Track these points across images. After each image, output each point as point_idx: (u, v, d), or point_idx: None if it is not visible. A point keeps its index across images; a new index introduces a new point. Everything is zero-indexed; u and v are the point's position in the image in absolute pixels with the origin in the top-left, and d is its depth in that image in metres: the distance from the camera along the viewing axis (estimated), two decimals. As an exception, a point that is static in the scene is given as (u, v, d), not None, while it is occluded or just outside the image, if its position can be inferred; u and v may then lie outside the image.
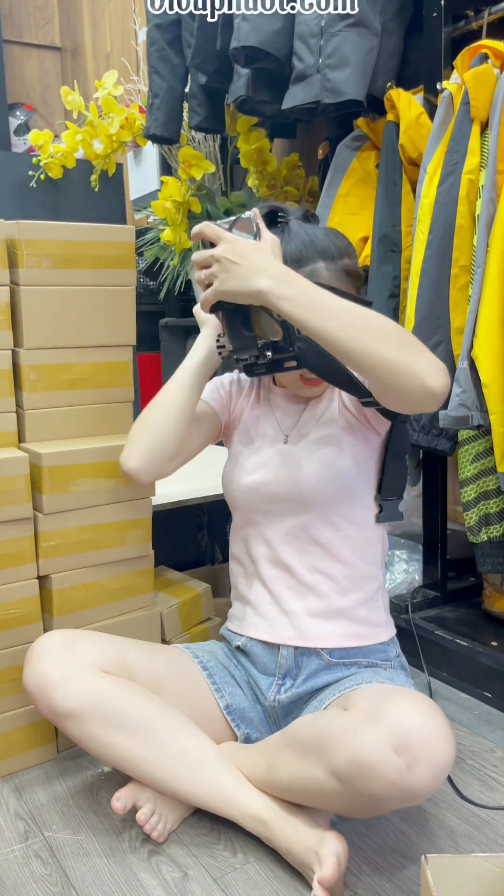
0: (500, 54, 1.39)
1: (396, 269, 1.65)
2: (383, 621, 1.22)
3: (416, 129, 1.55)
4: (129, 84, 2.55)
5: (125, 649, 1.17)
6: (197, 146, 2.28)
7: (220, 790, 1.09)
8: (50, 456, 1.26)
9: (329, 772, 0.96)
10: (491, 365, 1.39)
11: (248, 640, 1.22)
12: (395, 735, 0.91)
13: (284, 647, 1.18)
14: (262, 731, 1.21)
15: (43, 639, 1.14)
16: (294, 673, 1.18)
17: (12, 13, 3.94)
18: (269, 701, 1.19)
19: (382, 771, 0.90)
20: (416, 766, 0.90)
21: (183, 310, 2.64)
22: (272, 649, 1.19)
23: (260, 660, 1.21)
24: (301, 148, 2.32)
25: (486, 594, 1.67)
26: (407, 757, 0.90)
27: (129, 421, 1.43)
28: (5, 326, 1.28)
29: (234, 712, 1.20)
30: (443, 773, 0.92)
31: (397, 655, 1.23)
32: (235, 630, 1.26)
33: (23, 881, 1.05)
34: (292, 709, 1.19)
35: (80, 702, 1.07)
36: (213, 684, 1.21)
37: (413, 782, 0.90)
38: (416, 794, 0.92)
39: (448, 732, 0.94)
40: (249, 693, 1.23)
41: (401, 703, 0.95)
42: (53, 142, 2.39)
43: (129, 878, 1.05)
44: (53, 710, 1.08)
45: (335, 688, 1.13)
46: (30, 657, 1.12)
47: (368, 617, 1.19)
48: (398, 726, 0.91)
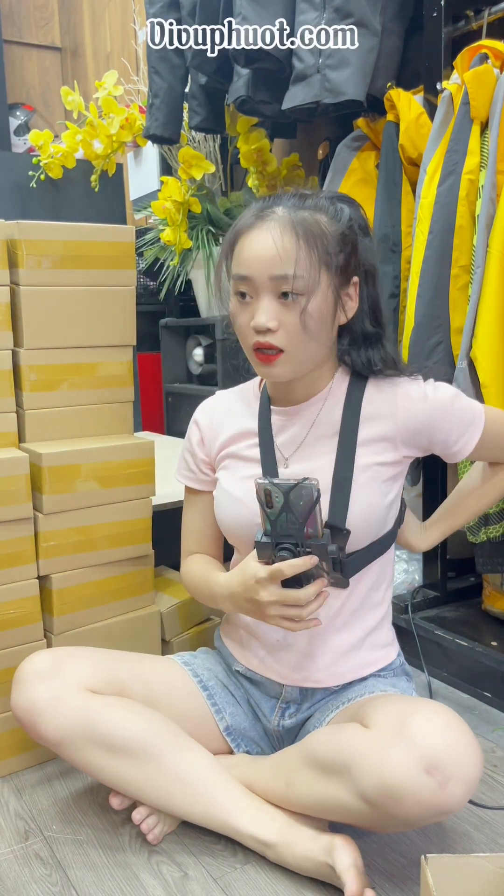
0: (500, 54, 1.39)
1: (396, 269, 1.65)
2: (390, 639, 1.19)
3: (416, 129, 1.55)
4: (129, 84, 2.55)
5: (118, 665, 1.13)
6: (197, 146, 2.29)
7: (213, 813, 1.06)
8: (50, 456, 1.26)
9: (356, 795, 0.93)
10: (490, 365, 1.39)
11: (248, 669, 1.18)
12: (424, 755, 0.88)
13: (290, 686, 1.14)
14: (263, 748, 1.19)
15: (29, 661, 1.10)
16: (299, 701, 1.15)
17: (12, 13, 3.94)
18: (272, 725, 1.16)
19: (414, 793, 0.88)
20: (447, 783, 0.88)
21: (183, 310, 2.64)
22: (276, 683, 1.15)
23: (262, 685, 1.17)
24: (301, 148, 2.32)
25: (486, 594, 1.67)
26: (438, 776, 0.88)
27: (129, 421, 1.43)
28: (5, 326, 1.28)
29: (234, 732, 1.18)
30: (473, 785, 0.90)
31: (401, 664, 1.20)
32: (237, 657, 1.20)
33: (23, 881, 1.05)
34: (297, 730, 1.16)
35: (69, 729, 1.04)
36: (213, 705, 1.17)
37: (446, 800, 0.88)
38: (448, 811, 0.90)
39: (475, 744, 0.92)
40: (250, 712, 1.20)
41: (426, 719, 0.92)
42: (53, 142, 2.39)
43: (129, 878, 1.05)
44: (43, 739, 1.05)
45: (340, 699, 1.11)
46: (17, 681, 1.08)
47: (377, 640, 1.15)
48: (427, 745, 0.89)
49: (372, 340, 1.08)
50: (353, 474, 1.05)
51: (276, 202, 1.01)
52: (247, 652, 1.18)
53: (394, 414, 1.06)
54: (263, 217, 1.00)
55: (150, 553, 1.41)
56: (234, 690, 1.20)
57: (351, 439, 1.06)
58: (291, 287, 0.97)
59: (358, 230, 1.04)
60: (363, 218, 1.06)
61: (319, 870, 1.00)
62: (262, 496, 0.97)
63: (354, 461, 1.05)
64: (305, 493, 0.95)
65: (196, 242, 2.23)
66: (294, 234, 0.97)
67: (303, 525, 0.97)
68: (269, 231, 0.98)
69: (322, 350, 1.04)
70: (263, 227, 0.99)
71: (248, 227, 1.01)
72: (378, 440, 1.06)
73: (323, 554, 0.98)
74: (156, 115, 2.05)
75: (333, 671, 1.12)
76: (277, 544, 0.99)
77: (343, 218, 1.02)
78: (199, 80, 1.99)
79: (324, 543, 0.98)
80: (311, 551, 0.97)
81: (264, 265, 0.97)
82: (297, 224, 0.98)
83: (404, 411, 1.05)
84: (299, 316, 0.98)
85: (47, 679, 1.06)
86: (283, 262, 0.96)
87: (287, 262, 0.96)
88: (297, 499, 0.95)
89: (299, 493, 0.95)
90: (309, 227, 0.98)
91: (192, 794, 1.06)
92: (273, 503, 0.96)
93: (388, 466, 1.07)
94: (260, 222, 1.00)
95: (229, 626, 1.24)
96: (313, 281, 0.97)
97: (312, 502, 0.95)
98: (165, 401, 2.65)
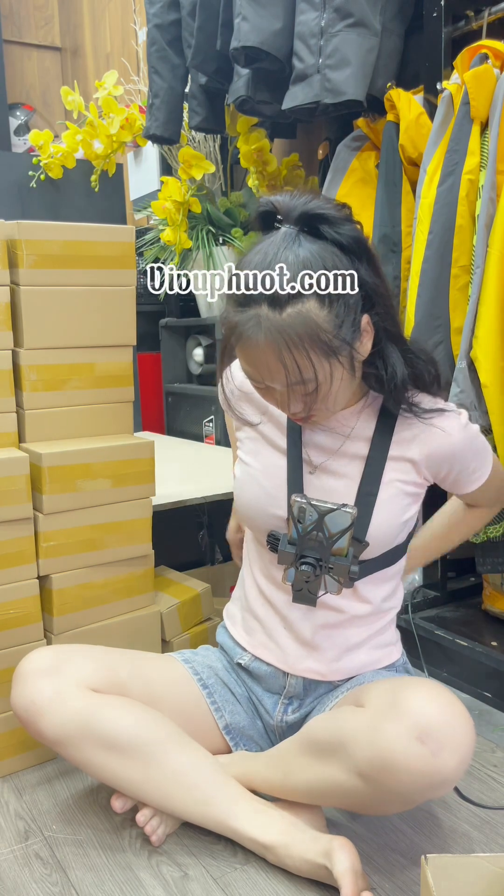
0: (500, 54, 1.39)
1: (396, 269, 1.65)
2: (395, 638, 1.20)
3: (416, 129, 1.55)
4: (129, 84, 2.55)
5: (119, 664, 1.12)
6: (197, 146, 2.29)
7: (212, 814, 1.06)
8: (50, 456, 1.26)
9: (352, 772, 0.95)
10: (490, 365, 1.39)
11: (254, 658, 1.18)
12: (415, 724, 0.89)
13: (295, 676, 1.15)
14: (262, 747, 1.19)
15: (30, 658, 1.09)
16: (301, 695, 1.16)
17: (12, 13, 3.94)
18: (275, 721, 1.17)
19: (407, 763, 0.89)
20: (440, 751, 0.89)
21: (183, 310, 2.64)
22: (281, 672, 1.15)
23: (265, 680, 1.17)
24: (301, 148, 2.32)
25: (486, 594, 1.67)
26: (431, 744, 0.89)
27: (129, 421, 1.43)
28: (5, 326, 1.28)
29: (233, 731, 1.18)
30: (467, 755, 0.91)
31: (403, 663, 1.21)
32: (241, 643, 1.20)
33: (23, 881, 1.05)
34: (299, 726, 1.15)
35: (69, 728, 1.04)
36: (212, 703, 1.17)
37: (440, 768, 0.89)
38: (443, 782, 0.90)
39: (466, 714, 0.93)
40: (250, 709, 1.20)
41: (416, 691, 0.93)
42: (53, 142, 2.40)
43: (129, 878, 1.05)
44: (43, 737, 1.05)
45: (341, 691, 1.12)
46: (17, 678, 1.08)
47: (382, 639, 1.16)
48: (418, 714, 0.90)
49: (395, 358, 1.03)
50: (378, 489, 1.06)
51: (254, 301, 0.91)
52: (254, 641, 1.18)
53: (426, 441, 1.07)
54: (248, 329, 0.91)
55: (150, 553, 1.41)
56: (235, 688, 1.20)
57: (381, 456, 1.07)
58: (304, 390, 0.94)
59: (349, 268, 0.93)
60: (353, 236, 0.93)
61: (318, 872, 1.00)
62: (295, 512, 0.99)
63: (382, 478, 1.07)
64: (341, 519, 0.98)
65: (196, 242, 2.24)
66: (287, 349, 0.90)
67: (330, 546, 1.00)
68: (262, 352, 0.91)
69: (352, 389, 1.03)
70: (255, 346, 0.92)
71: (239, 337, 0.93)
72: (405, 460, 1.08)
73: (343, 573, 1.00)
74: (156, 115, 2.05)
75: (337, 666, 1.13)
76: (301, 556, 1.00)
77: (332, 284, 0.91)
78: (199, 80, 1.99)
79: (346, 564, 1.00)
80: (333, 569, 1.00)
81: (270, 377, 0.94)
82: (286, 337, 0.89)
83: (436, 441, 1.07)
84: (322, 400, 0.96)
85: (48, 676, 1.06)
86: (290, 375, 0.92)
87: (292, 374, 0.92)
88: (332, 522, 0.98)
89: (334, 519, 0.98)
90: (300, 335, 0.89)
91: (192, 795, 1.06)
92: (306, 520, 0.99)
93: (411, 486, 1.09)
94: (249, 334, 0.91)
95: (233, 613, 1.25)
96: (324, 376, 0.93)
97: (346, 528, 0.98)
98: (165, 401, 2.65)
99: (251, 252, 0.94)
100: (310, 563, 1.00)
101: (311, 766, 1.02)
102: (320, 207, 0.92)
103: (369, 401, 1.09)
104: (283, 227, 0.94)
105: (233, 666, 1.22)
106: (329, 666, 1.13)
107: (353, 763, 0.94)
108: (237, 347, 0.95)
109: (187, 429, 2.53)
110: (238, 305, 0.93)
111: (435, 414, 1.05)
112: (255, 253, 0.93)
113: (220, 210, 2.25)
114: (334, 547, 0.99)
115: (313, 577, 1.01)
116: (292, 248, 0.91)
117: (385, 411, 1.08)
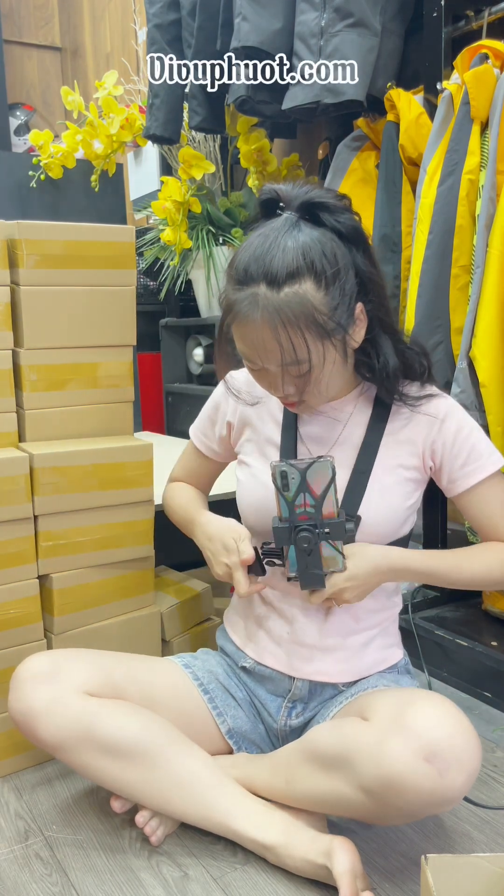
0: (500, 54, 1.39)
1: (396, 269, 1.65)
2: (398, 639, 1.20)
3: (416, 129, 1.56)
4: (129, 84, 2.55)
5: (114, 667, 1.12)
6: (197, 146, 2.29)
7: (212, 815, 1.06)
8: (50, 456, 1.26)
9: (357, 787, 0.94)
10: (489, 365, 1.39)
11: (258, 663, 1.17)
12: (422, 743, 0.89)
13: (301, 679, 1.14)
14: (263, 750, 1.19)
15: (27, 663, 1.09)
16: (306, 699, 1.15)
17: (12, 13, 3.94)
18: (279, 724, 1.16)
19: (414, 782, 0.88)
20: (447, 771, 0.88)
21: (183, 310, 2.64)
22: (286, 676, 1.14)
23: (269, 683, 1.17)
24: (301, 148, 2.32)
25: (486, 594, 1.67)
26: (438, 764, 0.88)
27: (129, 421, 1.43)
28: (5, 326, 1.28)
29: (236, 735, 1.17)
30: (474, 773, 0.91)
31: (405, 664, 1.20)
32: (244, 649, 1.19)
33: (23, 881, 1.05)
34: (302, 730, 1.15)
35: (67, 733, 1.03)
36: (214, 708, 1.17)
37: (447, 788, 0.89)
38: (449, 801, 0.90)
39: (473, 732, 0.93)
40: (251, 713, 1.19)
41: (423, 708, 0.93)
42: (53, 142, 2.40)
43: (129, 878, 1.05)
44: (41, 743, 1.05)
45: (345, 696, 1.11)
46: (14, 683, 1.07)
47: (385, 640, 1.16)
48: (424, 734, 0.89)
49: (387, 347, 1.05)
50: (372, 467, 1.07)
51: (253, 279, 0.93)
52: (258, 648, 1.18)
53: (418, 423, 1.08)
54: (245, 307, 0.94)
55: (150, 553, 1.41)
56: (236, 692, 1.19)
57: (376, 440, 1.09)
58: (298, 371, 0.96)
59: (347, 254, 0.96)
60: (351, 225, 0.97)
61: (318, 872, 1.00)
62: (277, 479, 0.99)
63: (376, 456, 1.08)
64: (321, 469, 0.98)
65: (196, 242, 2.24)
66: (283, 327, 0.92)
67: (321, 504, 1.00)
68: (258, 330, 0.93)
69: (344, 377, 1.05)
70: (251, 324, 0.94)
71: (236, 315, 0.95)
72: (402, 443, 1.09)
73: (340, 532, 1.00)
74: (156, 115, 2.05)
75: (345, 667, 1.13)
76: (296, 527, 1.01)
77: (328, 266, 0.93)
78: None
79: (341, 521, 1.00)
80: (329, 531, 1.00)
81: (265, 356, 0.96)
82: (282, 315, 0.91)
83: (425, 422, 1.08)
84: (315, 383, 0.98)
85: (45, 682, 1.06)
86: (285, 354, 0.94)
87: (287, 353, 0.94)
88: (314, 477, 0.98)
89: (315, 471, 0.98)
90: (296, 314, 0.91)
91: (191, 797, 1.06)
92: (289, 485, 0.99)
93: (412, 470, 1.09)
94: (246, 312, 0.94)
95: (234, 621, 1.24)
96: (317, 358, 0.95)
97: (329, 479, 0.98)
98: (165, 401, 2.65)
99: (253, 235, 0.98)
100: (306, 529, 1.00)
101: (315, 777, 1.01)
102: (321, 196, 0.96)
103: (364, 390, 1.11)
104: (285, 213, 0.97)
105: (234, 670, 1.21)
106: (338, 667, 1.13)
107: (359, 780, 0.94)
108: (234, 325, 0.98)
109: (187, 429, 2.51)
110: (237, 284, 0.96)
111: (424, 400, 1.08)
112: (256, 236, 0.97)
113: (220, 210, 2.26)
114: (324, 510, 1.00)
115: (313, 543, 1.01)
116: (292, 232, 0.94)
117: (379, 401, 1.10)
